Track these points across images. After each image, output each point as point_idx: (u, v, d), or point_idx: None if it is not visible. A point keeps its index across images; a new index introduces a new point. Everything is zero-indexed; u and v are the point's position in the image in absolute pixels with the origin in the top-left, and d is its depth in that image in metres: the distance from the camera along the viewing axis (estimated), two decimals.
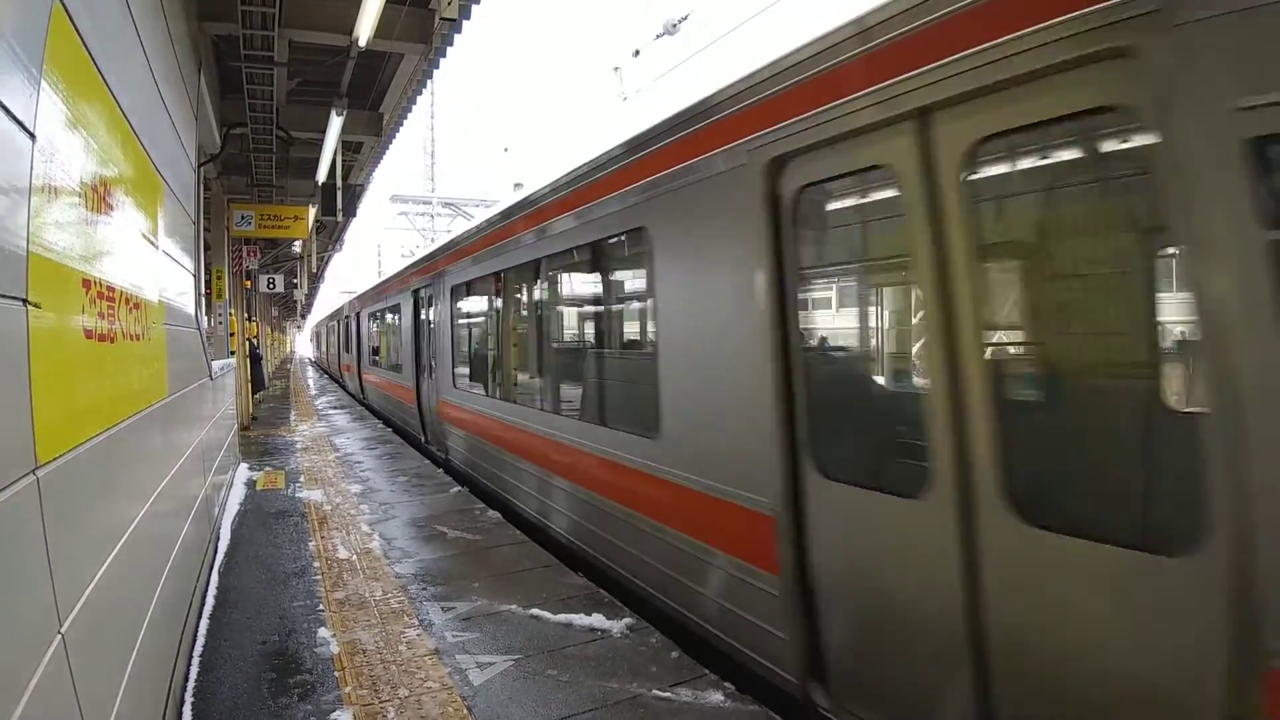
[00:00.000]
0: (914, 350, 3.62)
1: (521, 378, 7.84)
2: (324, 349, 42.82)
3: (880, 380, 4.14)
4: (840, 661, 3.38)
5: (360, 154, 12.72)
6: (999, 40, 2.53)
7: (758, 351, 3.62)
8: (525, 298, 7.77)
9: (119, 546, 2.50)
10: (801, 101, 3.34)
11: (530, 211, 6.49)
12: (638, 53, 14.58)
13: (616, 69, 15.93)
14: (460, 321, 10.02)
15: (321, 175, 11.32)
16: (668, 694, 3.69)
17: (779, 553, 3.54)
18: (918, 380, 3.39)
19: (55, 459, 1.85)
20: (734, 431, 3.86)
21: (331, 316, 34.56)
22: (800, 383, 3.50)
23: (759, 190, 3.58)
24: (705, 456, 4.12)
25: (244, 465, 10.25)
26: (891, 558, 3.10)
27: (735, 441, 3.84)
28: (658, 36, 13.28)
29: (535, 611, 4.74)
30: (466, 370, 9.96)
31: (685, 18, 12.92)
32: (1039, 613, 2.56)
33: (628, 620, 4.57)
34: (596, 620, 4.56)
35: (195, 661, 4.15)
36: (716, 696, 3.65)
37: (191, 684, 3.90)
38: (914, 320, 3.54)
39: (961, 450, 2.78)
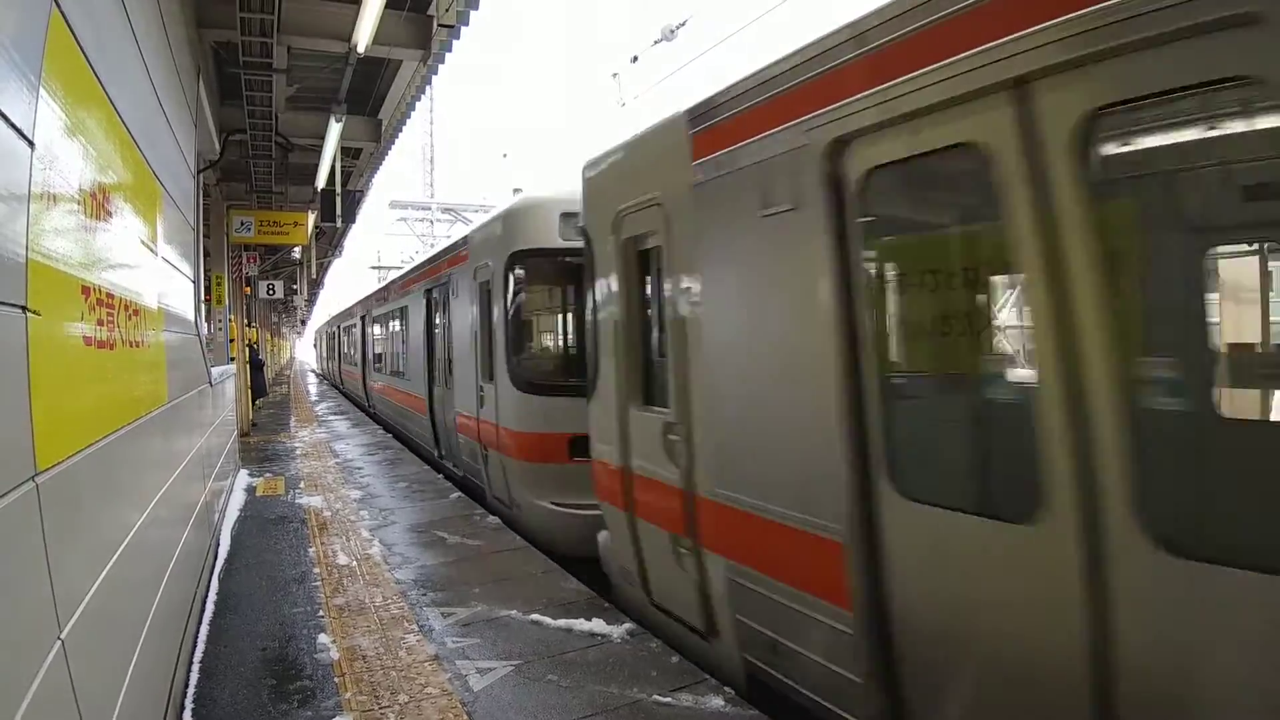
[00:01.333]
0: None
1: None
2: (341, 361, 28.65)
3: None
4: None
5: (359, 160, 12.75)
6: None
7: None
8: None
9: (119, 553, 2.50)
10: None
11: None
12: (636, 59, 14.57)
13: (615, 75, 15.89)
14: None
15: (321, 181, 11.34)
16: (668, 699, 3.69)
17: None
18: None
19: (55, 466, 1.85)
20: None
21: (357, 310, 22.31)
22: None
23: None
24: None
25: (244, 471, 10.25)
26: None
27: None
28: (655, 43, 13.27)
29: (535, 617, 4.74)
30: None
31: (683, 23, 12.93)
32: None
33: (628, 625, 4.57)
34: (597, 625, 4.56)
35: (195, 668, 4.15)
36: (716, 701, 3.64)
37: (192, 690, 3.89)
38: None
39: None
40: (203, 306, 7.82)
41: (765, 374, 3.50)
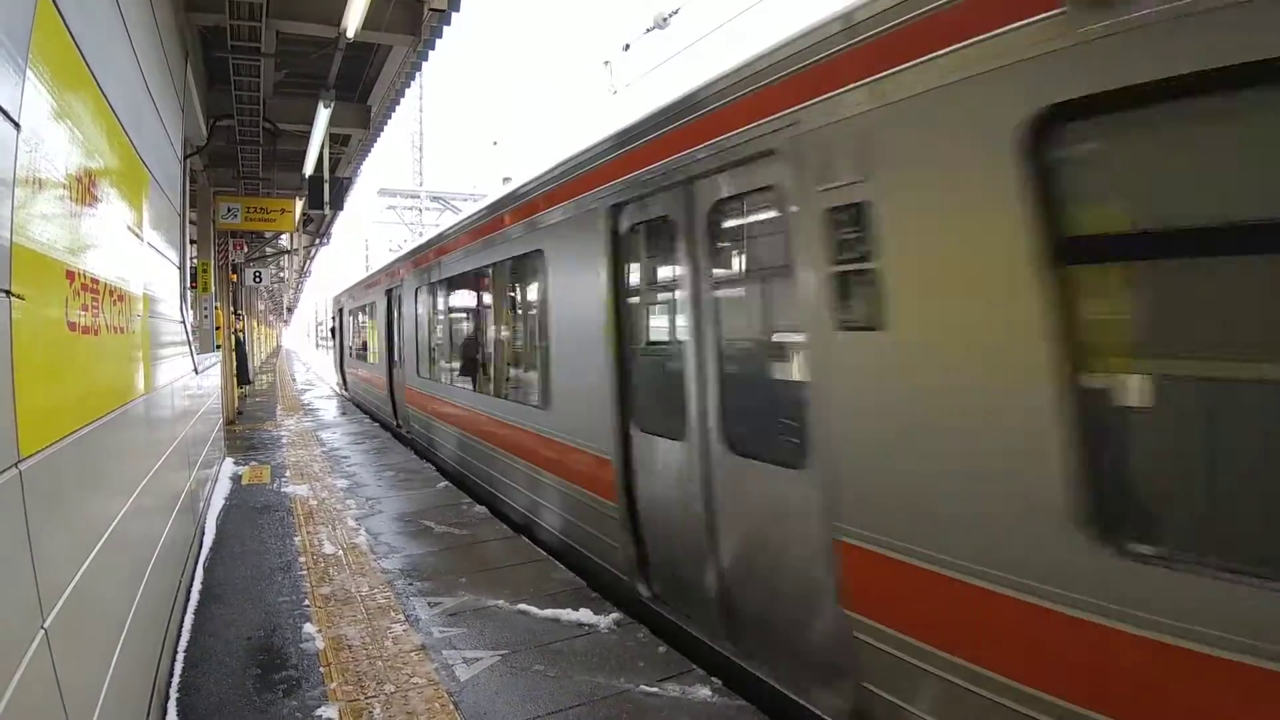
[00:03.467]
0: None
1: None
2: (344, 358, 20.99)
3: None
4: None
5: (348, 146, 12.63)
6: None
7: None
8: None
9: (102, 541, 2.48)
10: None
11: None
12: (628, 47, 14.51)
13: (607, 63, 15.84)
14: None
15: (309, 168, 11.24)
16: (655, 689, 3.70)
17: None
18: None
19: (38, 452, 1.83)
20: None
21: (385, 277, 13.79)
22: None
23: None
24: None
25: (229, 460, 10.18)
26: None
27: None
28: (648, 30, 13.23)
29: (522, 606, 4.74)
30: None
31: (675, 11, 12.88)
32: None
33: (615, 615, 4.58)
34: (584, 615, 4.57)
35: (180, 657, 4.13)
36: (704, 692, 3.66)
37: (176, 679, 3.87)
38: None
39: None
40: (188, 293, 7.75)
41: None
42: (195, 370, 6.42)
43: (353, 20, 6.58)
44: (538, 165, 6.33)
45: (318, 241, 23.96)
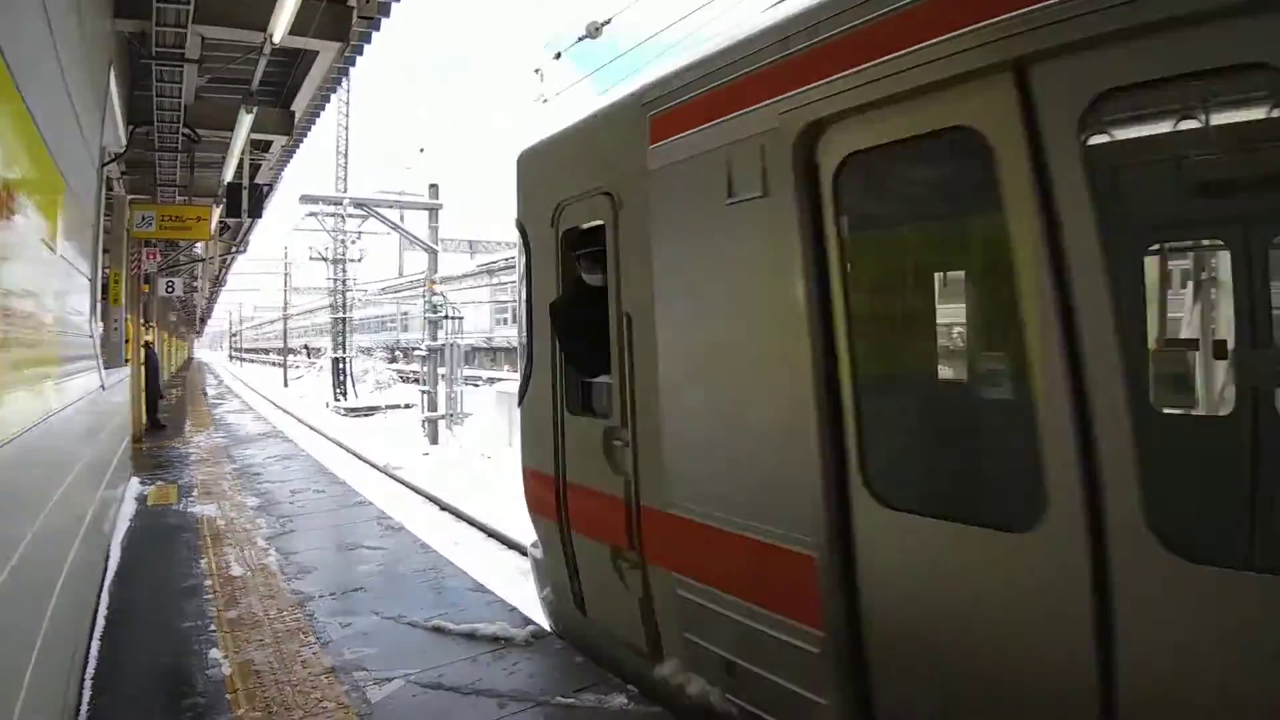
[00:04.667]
0: None
1: None
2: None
3: None
4: None
5: (269, 153, 12.35)
6: None
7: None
8: None
9: (6, 568, 2.42)
10: None
11: None
12: (559, 55, 14.62)
13: (538, 71, 15.88)
14: None
15: (228, 175, 10.97)
16: (571, 700, 3.76)
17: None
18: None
19: None
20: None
21: None
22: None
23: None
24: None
25: (135, 480, 9.74)
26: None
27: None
28: (580, 39, 13.36)
29: (438, 623, 4.72)
30: None
31: (608, 21, 13.05)
32: None
33: (531, 628, 4.62)
34: (500, 629, 4.57)
35: (88, 684, 3.99)
36: (619, 700, 3.73)
37: (85, 707, 3.76)
38: None
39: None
40: (99, 306, 7.46)
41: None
42: (103, 386, 6.18)
43: (280, 26, 6.51)
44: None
45: (234, 250, 23.23)
